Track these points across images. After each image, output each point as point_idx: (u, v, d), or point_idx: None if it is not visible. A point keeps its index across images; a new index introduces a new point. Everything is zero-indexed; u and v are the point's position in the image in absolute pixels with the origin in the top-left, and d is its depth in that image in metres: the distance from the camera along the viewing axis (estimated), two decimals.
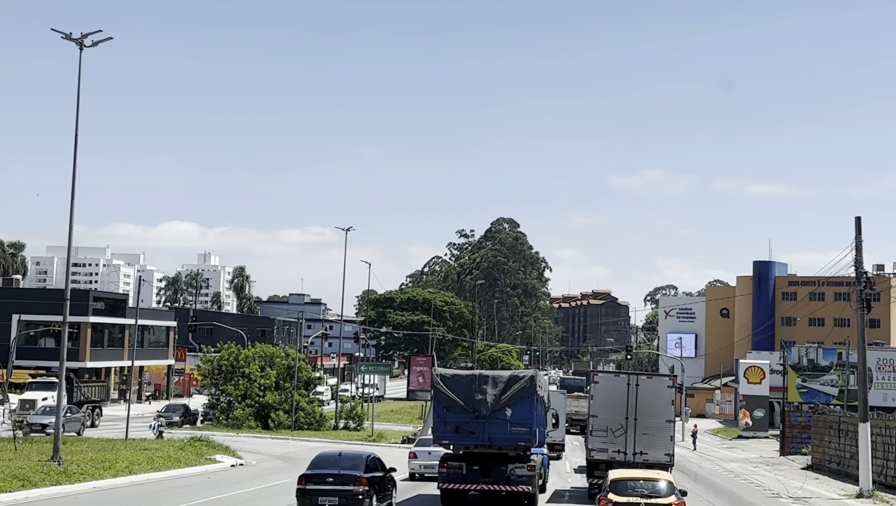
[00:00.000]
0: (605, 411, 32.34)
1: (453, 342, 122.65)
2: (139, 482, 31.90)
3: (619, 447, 31.93)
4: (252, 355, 63.29)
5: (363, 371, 58.36)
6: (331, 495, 24.20)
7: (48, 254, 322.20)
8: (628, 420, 32.03)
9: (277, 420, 59.96)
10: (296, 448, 50.13)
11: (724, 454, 61.16)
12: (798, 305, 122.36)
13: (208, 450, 42.43)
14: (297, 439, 56.28)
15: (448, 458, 28.14)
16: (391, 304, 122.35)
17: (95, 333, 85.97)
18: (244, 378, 61.90)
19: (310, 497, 24.35)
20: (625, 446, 31.90)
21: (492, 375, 28.38)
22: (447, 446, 28.61)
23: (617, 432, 32.04)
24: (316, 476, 24.69)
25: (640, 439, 31.83)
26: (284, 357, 63.23)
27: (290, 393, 60.82)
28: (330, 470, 24.87)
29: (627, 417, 32.04)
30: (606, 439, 32.13)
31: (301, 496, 24.54)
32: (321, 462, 25.62)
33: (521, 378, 27.84)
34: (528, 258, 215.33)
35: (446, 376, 28.22)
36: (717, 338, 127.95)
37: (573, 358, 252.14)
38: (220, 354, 63.99)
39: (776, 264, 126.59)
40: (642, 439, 31.83)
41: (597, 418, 32.57)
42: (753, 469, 50.01)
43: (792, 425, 58.53)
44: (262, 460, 43.73)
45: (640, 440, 31.83)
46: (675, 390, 33.72)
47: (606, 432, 32.17)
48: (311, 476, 24.72)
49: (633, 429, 31.97)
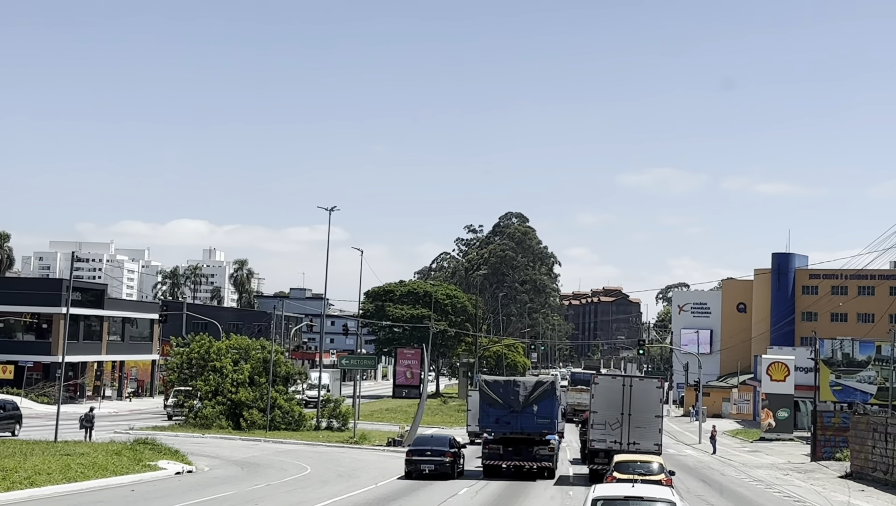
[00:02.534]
0: (603, 408, 37.39)
1: (456, 337, 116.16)
2: (39, 497, 25.83)
3: (615, 438, 36.90)
4: (225, 348, 57.34)
5: (344, 365, 51.90)
6: (428, 463, 35.62)
7: (51, 249, 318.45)
8: (623, 415, 37.08)
9: (250, 419, 53.99)
10: (263, 452, 44.13)
11: (747, 459, 54.97)
12: (819, 300, 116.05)
13: (152, 454, 36.45)
14: (269, 440, 50.29)
15: (489, 442, 37.32)
16: (391, 297, 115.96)
17: (70, 325, 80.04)
18: (215, 373, 55.98)
19: (415, 464, 35.67)
20: (620, 436, 36.88)
21: (522, 380, 38.71)
22: (489, 433, 37.47)
23: (614, 426, 37.08)
24: (418, 451, 36.24)
25: (633, 431, 36.83)
26: (260, 350, 57.21)
27: (266, 389, 54.92)
28: (427, 446, 36.62)
29: (623, 412, 37.10)
30: (605, 431, 37.09)
31: (409, 464, 35.82)
32: (420, 442, 37.77)
33: (544, 383, 37.72)
34: (537, 253, 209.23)
35: (489, 381, 38.35)
36: (734, 334, 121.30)
37: (583, 356, 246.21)
38: (191, 347, 58.05)
39: (796, 256, 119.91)
40: (635, 431, 36.84)
41: (597, 414, 37.59)
42: (784, 477, 43.83)
43: (825, 427, 52.13)
44: (217, 466, 37.75)
45: (633, 432, 36.83)
46: (663, 390, 39.72)
47: (605, 425, 37.17)
48: (414, 451, 36.34)
49: (628, 423, 36.98)
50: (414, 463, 35.71)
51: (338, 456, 43.45)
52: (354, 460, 41.84)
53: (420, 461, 35.63)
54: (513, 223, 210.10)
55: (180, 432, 51.37)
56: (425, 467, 35.46)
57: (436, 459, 35.69)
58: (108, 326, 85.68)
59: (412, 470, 35.59)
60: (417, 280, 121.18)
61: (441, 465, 35.55)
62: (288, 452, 44.44)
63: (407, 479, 35.01)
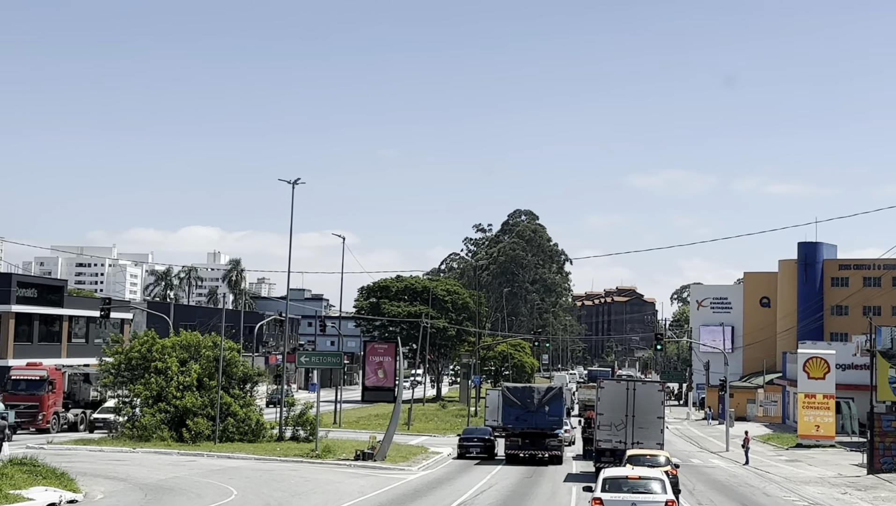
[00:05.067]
0: (609, 410, 39.66)
1: (458, 337, 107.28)
2: None
3: (620, 438, 38.97)
4: (171, 345, 48.79)
5: (304, 363, 42.77)
6: (476, 447, 47.75)
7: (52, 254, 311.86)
8: (627, 417, 39.28)
9: (195, 429, 45.40)
10: (192, 471, 35.53)
11: (788, 471, 46.25)
12: (850, 293, 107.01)
13: (27, 479, 27.97)
14: (214, 455, 41.74)
15: (510, 435, 46.10)
16: (387, 293, 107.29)
17: (21, 324, 71.74)
18: (158, 375, 47.45)
19: (465, 448, 47.65)
20: (625, 436, 39.00)
21: (536, 386, 48.75)
22: (510, 429, 46.02)
23: (619, 427, 39.18)
24: (468, 439, 48.46)
25: (637, 432, 38.98)
26: (213, 347, 48.63)
27: (220, 394, 46.47)
28: (474, 435, 48.99)
29: (627, 414, 39.30)
30: (611, 431, 39.22)
31: (460, 448, 48.00)
32: (468, 433, 50.11)
33: (554, 389, 47.55)
34: (548, 251, 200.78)
35: (510, 387, 48.20)
36: (757, 330, 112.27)
37: (597, 358, 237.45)
38: (132, 345, 49.53)
39: (824, 246, 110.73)
40: (638, 431, 38.99)
41: (603, 416, 39.78)
42: (842, 497, 35.19)
43: (884, 433, 43.12)
44: (116, 492, 29.26)
45: (636, 432, 38.99)
46: (664, 393, 42.28)
47: (610, 426, 39.28)
48: (465, 438, 48.53)
49: (632, 424, 39.17)
50: (465, 447, 47.88)
51: (284, 476, 34.89)
52: (301, 482, 33.27)
53: (469, 446, 47.83)
54: (522, 221, 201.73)
55: (107, 447, 42.91)
56: (473, 450, 47.65)
57: (480, 444, 48.00)
58: (70, 327, 77.44)
59: (463, 452, 47.57)
60: (415, 276, 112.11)
61: (483, 449, 47.83)
62: (225, 470, 35.93)
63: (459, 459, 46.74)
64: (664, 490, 22.26)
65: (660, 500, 21.93)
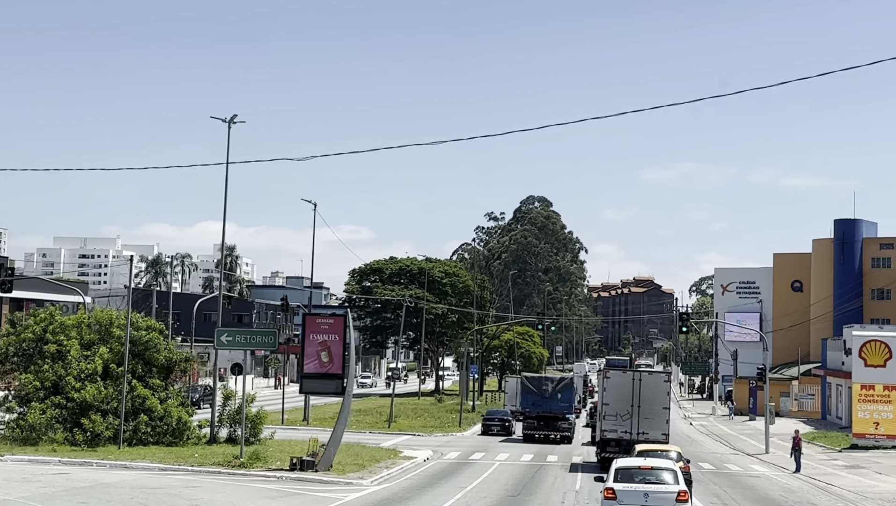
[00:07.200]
0: (615, 400, 39.86)
1: (458, 323, 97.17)
2: None
3: (626, 428, 39.25)
4: (73, 324, 38.89)
5: (226, 344, 32.58)
6: (496, 426, 55.97)
7: (55, 245, 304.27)
8: (633, 407, 39.52)
9: (92, 429, 35.52)
10: (38, 492, 25.51)
11: (855, 483, 36.13)
12: (894, 275, 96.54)
13: None
14: (108, 463, 31.81)
15: (527, 418, 53.59)
16: (380, 276, 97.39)
17: None
18: (54, 361, 37.57)
19: (488, 427, 56.13)
20: (630, 427, 39.23)
21: (550, 376, 59.85)
22: (527, 413, 53.75)
23: (624, 417, 39.47)
24: (490, 419, 57.10)
25: (643, 422, 39.28)
26: (135, 329, 38.60)
27: (126, 384, 36.60)
28: (496, 416, 57.42)
29: (632, 404, 39.54)
30: (616, 421, 39.49)
31: (484, 427, 56.60)
32: (490, 414, 58.63)
33: (566, 379, 56.29)
34: (562, 239, 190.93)
35: (528, 376, 56.56)
36: (788, 316, 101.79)
37: (613, 350, 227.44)
38: (26, 324, 39.55)
39: (863, 223, 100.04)
40: (644, 421, 39.27)
41: (608, 406, 40.08)
42: None
43: None
44: None
45: (642, 423, 39.26)
46: (670, 384, 42.33)
47: (616, 416, 39.59)
48: (488, 419, 57.28)
49: (637, 414, 39.39)
50: (487, 426, 56.40)
51: (161, 500, 24.87)
52: None
53: (491, 425, 56.34)
54: (535, 207, 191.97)
55: None
56: (494, 428, 56.00)
57: (500, 424, 56.30)
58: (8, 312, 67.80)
59: (486, 430, 56.18)
60: (410, 257, 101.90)
61: (502, 428, 55.99)
62: (88, 490, 25.97)
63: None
64: (676, 481, 22.11)
65: (672, 490, 21.75)
